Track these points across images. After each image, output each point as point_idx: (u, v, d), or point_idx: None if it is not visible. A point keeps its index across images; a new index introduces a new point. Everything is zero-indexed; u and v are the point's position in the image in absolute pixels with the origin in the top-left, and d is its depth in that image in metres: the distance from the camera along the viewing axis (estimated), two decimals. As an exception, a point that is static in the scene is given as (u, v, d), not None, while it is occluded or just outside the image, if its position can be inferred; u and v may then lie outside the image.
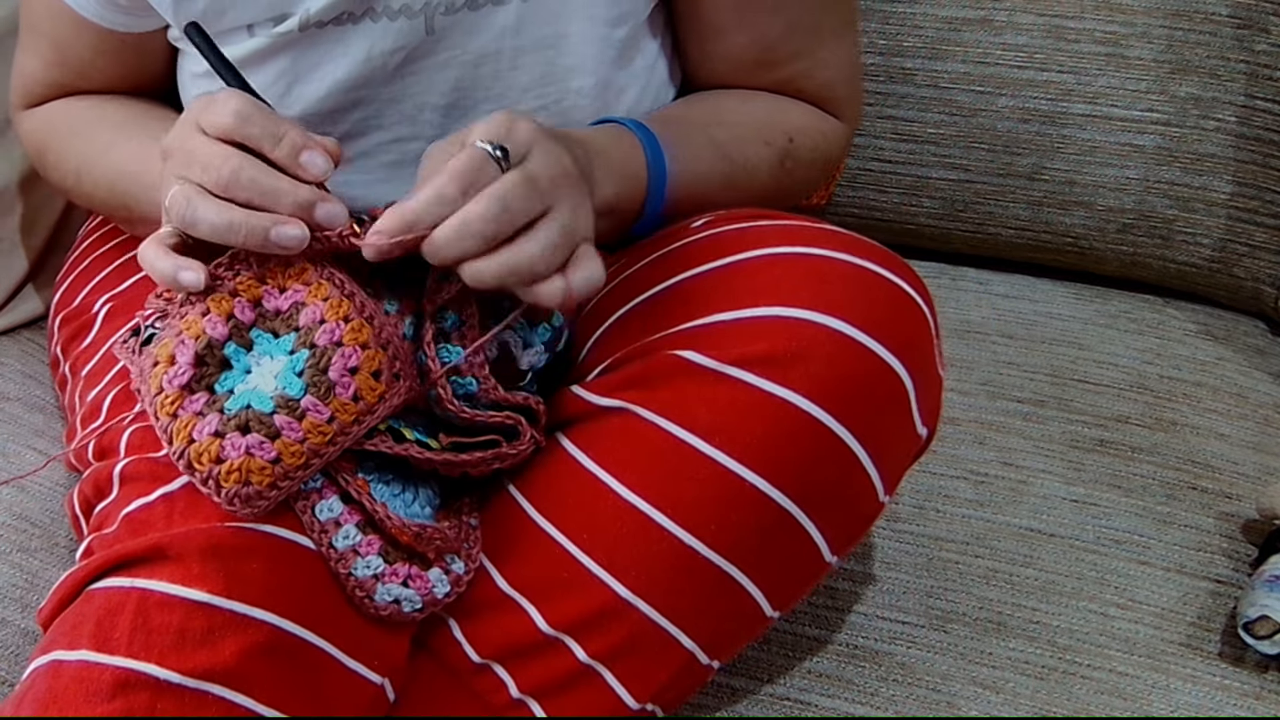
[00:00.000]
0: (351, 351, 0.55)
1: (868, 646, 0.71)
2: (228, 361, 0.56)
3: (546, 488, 0.61)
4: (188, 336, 0.56)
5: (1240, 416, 0.88)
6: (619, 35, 0.72)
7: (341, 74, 0.69)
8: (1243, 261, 1.00)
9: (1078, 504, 0.80)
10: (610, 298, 0.65)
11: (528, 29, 0.69)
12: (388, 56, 0.69)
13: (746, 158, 0.73)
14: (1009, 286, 1.04)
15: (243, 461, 0.53)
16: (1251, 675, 0.69)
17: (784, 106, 0.76)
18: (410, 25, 0.68)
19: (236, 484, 0.53)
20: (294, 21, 0.68)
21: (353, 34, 0.68)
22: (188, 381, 0.55)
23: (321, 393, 0.55)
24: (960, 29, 1.00)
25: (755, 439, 0.55)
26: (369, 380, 0.56)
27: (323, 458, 0.55)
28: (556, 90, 0.72)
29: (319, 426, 0.54)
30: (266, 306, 0.57)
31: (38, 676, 0.53)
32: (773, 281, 0.57)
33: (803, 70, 0.76)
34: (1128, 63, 0.98)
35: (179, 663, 0.52)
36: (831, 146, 0.79)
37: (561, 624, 0.58)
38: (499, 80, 0.71)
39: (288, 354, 0.56)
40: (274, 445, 0.54)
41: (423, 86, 0.71)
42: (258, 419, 0.54)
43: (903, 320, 0.58)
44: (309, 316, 0.56)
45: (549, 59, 0.71)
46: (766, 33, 0.74)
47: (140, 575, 0.54)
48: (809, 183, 0.79)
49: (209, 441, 0.54)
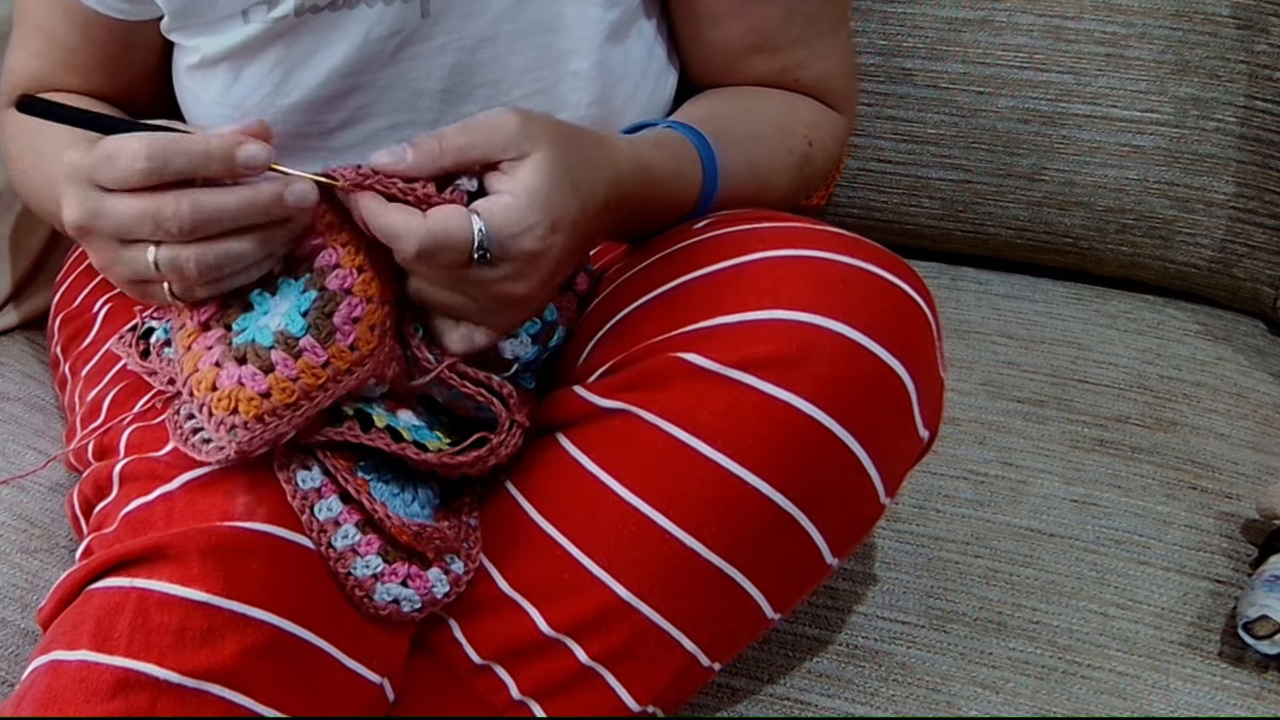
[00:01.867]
0: (359, 302, 0.56)
1: (868, 646, 0.71)
2: (250, 305, 0.57)
3: (547, 489, 0.61)
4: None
5: (1240, 416, 0.88)
6: (612, 17, 0.72)
7: (338, 59, 0.69)
8: (1243, 262, 1.00)
9: (1078, 504, 0.80)
10: (612, 299, 0.65)
11: (523, 12, 0.69)
12: (384, 41, 0.69)
13: (772, 168, 0.73)
14: (1009, 286, 1.04)
15: (233, 390, 0.54)
16: (1251, 675, 0.69)
17: (795, 104, 0.76)
18: (406, 8, 0.68)
19: (225, 411, 0.54)
20: (289, 6, 0.67)
21: (349, 18, 0.68)
22: (207, 319, 0.57)
23: (322, 336, 0.55)
24: (960, 29, 1.00)
25: (757, 441, 0.55)
26: (367, 333, 0.57)
27: (313, 401, 0.56)
28: (553, 74, 0.72)
29: (313, 368, 0.55)
30: (296, 254, 0.58)
31: (37, 676, 0.53)
32: (775, 284, 0.57)
33: (800, 60, 0.76)
34: (1128, 63, 0.98)
35: (179, 662, 0.52)
36: (837, 144, 0.79)
37: (562, 625, 0.58)
38: (496, 64, 0.71)
39: (300, 294, 0.57)
40: (266, 378, 0.54)
41: (420, 72, 0.71)
42: (255, 352, 0.55)
43: (904, 323, 0.58)
44: (326, 259, 0.57)
45: (545, 42, 0.71)
46: (763, 20, 0.74)
47: (140, 575, 0.54)
48: (818, 183, 0.79)
49: (209, 370, 0.55)
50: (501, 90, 0.72)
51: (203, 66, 0.73)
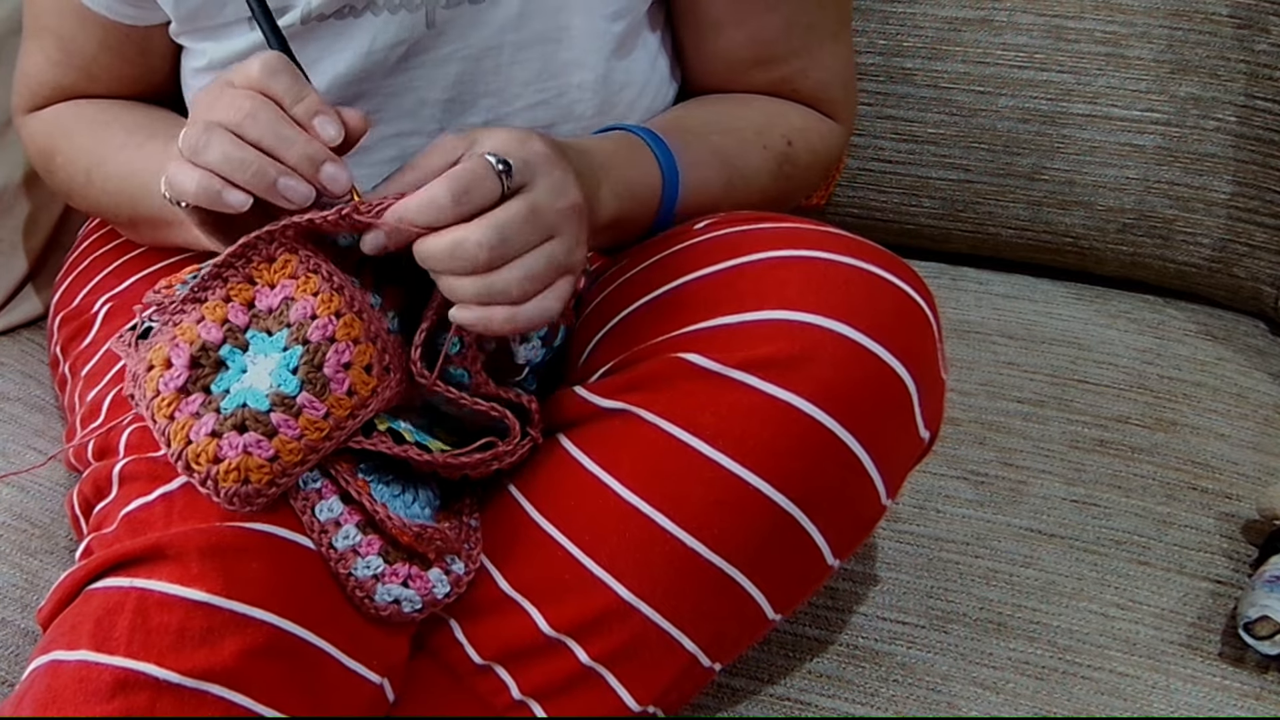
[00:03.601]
0: (345, 347, 0.55)
1: (868, 647, 0.71)
2: (223, 363, 0.56)
3: (549, 489, 0.61)
4: (182, 341, 0.56)
5: (1240, 416, 0.88)
6: (618, 29, 0.72)
7: (343, 67, 0.69)
8: (1243, 261, 1.00)
9: (1078, 504, 0.80)
10: (614, 299, 0.65)
11: (528, 23, 0.69)
12: (389, 50, 0.69)
13: (747, 163, 0.73)
14: (1009, 286, 1.04)
15: (240, 460, 0.53)
16: (1251, 675, 0.69)
17: (782, 110, 0.76)
18: (411, 18, 0.68)
19: (235, 483, 0.53)
20: (295, 14, 0.68)
21: (354, 27, 0.68)
22: (183, 384, 0.55)
23: (317, 389, 0.55)
24: (960, 29, 1.00)
25: (758, 442, 0.55)
26: (362, 375, 0.56)
27: (319, 453, 0.55)
28: (558, 85, 0.72)
29: (315, 423, 0.54)
30: (259, 306, 0.57)
31: (37, 677, 0.53)
32: (776, 285, 0.57)
33: (799, 70, 0.76)
34: (1128, 63, 0.98)
35: (178, 662, 0.51)
36: (829, 149, 0.79)
37: (563, 626, 0.58)
38: (500, 75, 0.71)
39: (281, 350, 0.55)
40: (271, 443, 0.54)
41: (424, 81, 0.71)
42: (254, 417, 0.54)
43: (906, 324, 0.58)
44: (300, 312, 0.56)
45: (549, 53, 0.71)
46: (764, 29, 0.74)
47: (139, 575, 0.54)
48: (807, 185, 0.79)
49: (206, 441, 0.54)
50: (505, 100, 0.72)
51: (210, 70, 0.73)
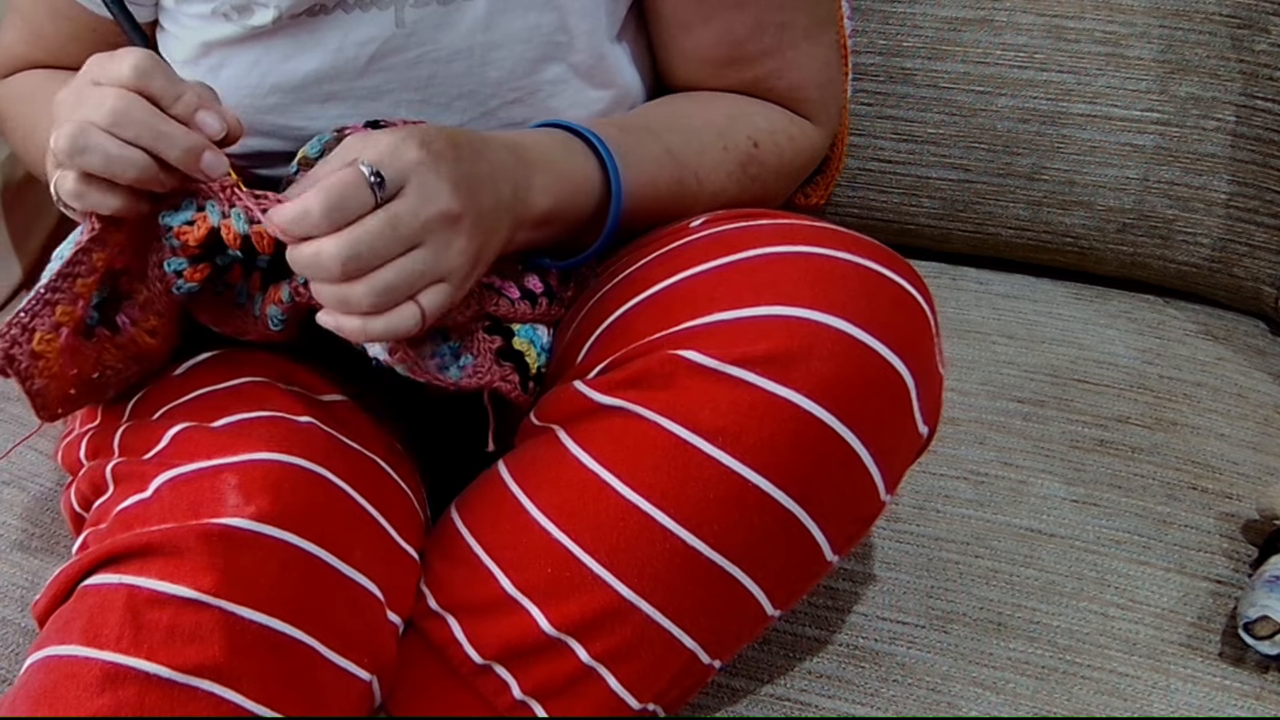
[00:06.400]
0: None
1: (868, 647, 0.71)
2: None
3: (548, 487, 0.60)
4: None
5: (1240, 416, 0.88)
6: (587, 27, 0.72)
7: (313, 65, 0.69)
8: (1243, 261, 1.00)
9: (1078, 504, 0.80)
10: (611, 296, 0.65)
11: (497, 24, 0.69)
12: (359, 48, 0.69)
13: (702, 162, 0.71)
14: (1009, 286, 1.04)
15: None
16: (1251, 675, 0.69)
17: (748, 110, 0.75)
18: (381, 16, 0.68)
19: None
20: (269, 13, 0.68)
21: (325, 24, 0.68)
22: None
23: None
24: (960, 29, 1.00)
25: (757, 439, 0.55)
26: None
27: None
28: (531, 84, 0.72)
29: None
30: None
31: (32, 672, 0.54)
32: (774, 280, 0.57)
33: (773, 70, 0.75)
34: (1128, 63, 0.98)
35: (168, 658, 0.52)
36: (802, 151, 0.77)
37: (564, 625, 0.58)
38: (471, 76, 0.71)
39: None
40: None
41: (397, 84, 0.71)
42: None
43: (904, 319, 0.58)
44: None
45: (519, 54, 0.71)
46: (733, 29, 0.73)
47: (131, 572, 0.54)
48: (780, 187, 0.78)
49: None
50: (479, 101, 0.72)
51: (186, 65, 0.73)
